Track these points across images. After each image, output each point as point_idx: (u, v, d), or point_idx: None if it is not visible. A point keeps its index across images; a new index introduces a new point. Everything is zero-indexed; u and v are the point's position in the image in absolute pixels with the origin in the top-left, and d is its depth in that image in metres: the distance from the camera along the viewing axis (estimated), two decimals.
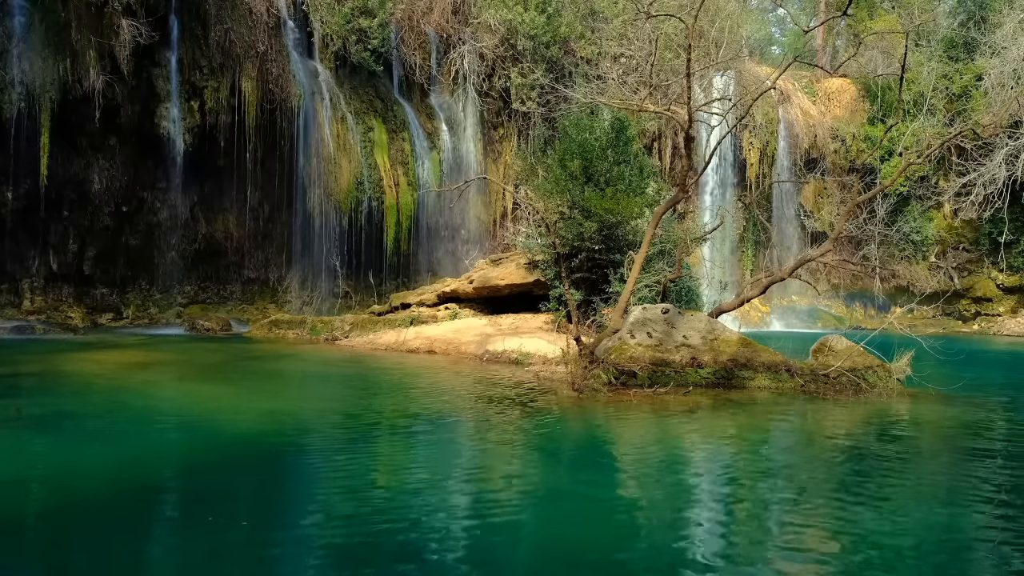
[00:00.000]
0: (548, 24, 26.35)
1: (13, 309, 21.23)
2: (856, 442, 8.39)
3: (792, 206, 31.14)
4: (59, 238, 22.05)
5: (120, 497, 5.76)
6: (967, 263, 29.62)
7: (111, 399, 10.06)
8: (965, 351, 17.47)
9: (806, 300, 29.77)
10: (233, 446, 7.50)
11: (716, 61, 22.51)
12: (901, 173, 14.36)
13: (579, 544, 4.96)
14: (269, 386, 12.09)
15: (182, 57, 22.11)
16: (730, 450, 7.92)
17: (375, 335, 18.50)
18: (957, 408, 10.29)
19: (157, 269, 23.65)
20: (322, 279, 24.44)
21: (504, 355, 14.88)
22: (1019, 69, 25.99)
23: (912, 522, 5.44)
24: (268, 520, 5.37)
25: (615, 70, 24.97)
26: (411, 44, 26.24)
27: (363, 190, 24.39)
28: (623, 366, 11.18)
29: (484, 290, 19.59)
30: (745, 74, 28.88)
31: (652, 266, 15.60)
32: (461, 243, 26.83)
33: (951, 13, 30.10)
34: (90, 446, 7.36)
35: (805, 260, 14.70)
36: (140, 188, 22.93)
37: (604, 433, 8.77)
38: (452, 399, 10.91)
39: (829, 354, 11.83)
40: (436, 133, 26.58)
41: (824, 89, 31.66)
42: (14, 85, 19.75)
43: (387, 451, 7.61)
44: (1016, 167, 25.33)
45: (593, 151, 17.57)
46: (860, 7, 33.09)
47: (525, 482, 6.44)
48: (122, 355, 15.23)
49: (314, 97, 24.01)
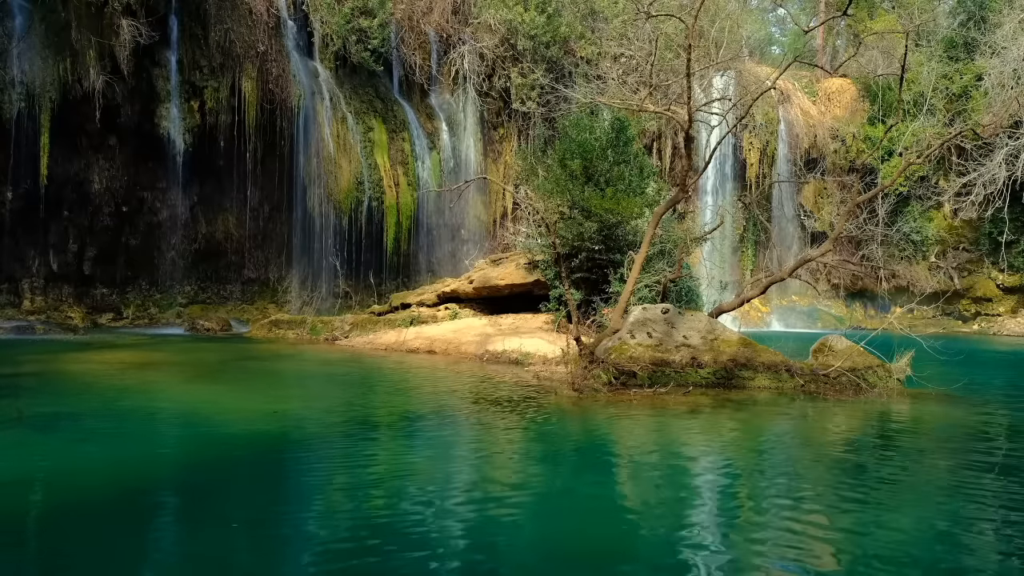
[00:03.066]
0: (548, 24, 26.36)
1: (13, 309, 21.24)
2: (856, 442, 8.38)
3: (792, 206, 31.15)
4: (59, 238, 22.07)
5: (120, 497, 5.76)
6: (967, 263, 29.63)
7: (111, 399, 10.06)
8: (965, 351, 17.46)
9: (806, 300, 29.79)
10: (233, 446, 7.50)
11: (716, 61, 22.51)
12: (901, 173, 14.37)
13: (579, 544, 4.96)
14: (269, 386, 12.08)
15: (182, 57, 22.13)
16: (730, 450, 7.92)
17: (375, 335, 18.50)
18: (957, 408, 10.29)
19: (157, 269, 23.67)
20: (322, 279, 24.45)
21: (504, 355, 14.88)
22: (1019, 69, 26.00)
23: (912, 522, 5.44)
24: (268, 520, 5.37)
25: (615, 70, 24.99)
26: (411, 44, 26.26)
27: (363, 190, 24.40)
28: (623, 366, 11.18)
29: (484, 290, 19.59)
30: (745, 74, 28.89)
31: (652, 266, 15.60)
32: (461, 243, 26.84)
33: (951, 13, 30.11)
34: (90, 446, 7.36)
35: (805, 260, 14.70)
36: (140, 188, 22.96)
37: (604, 433, 8.77)
38: (452, 399, 10.90)
39: (829, 354, 11.82)
40: (436, 133, 26.58)
41: (824, 89, 31.67)
42: (14, 85, 19.77)
43: (387, 451, 7.61)
44: (1016, 167, 25.33)
45: (593, 151, 17.57)
46: (860, 7, 33.11)
47: (525, 482, 6.44)
48: (122, 355, 15.23)
49: (314, 97, 24.02)
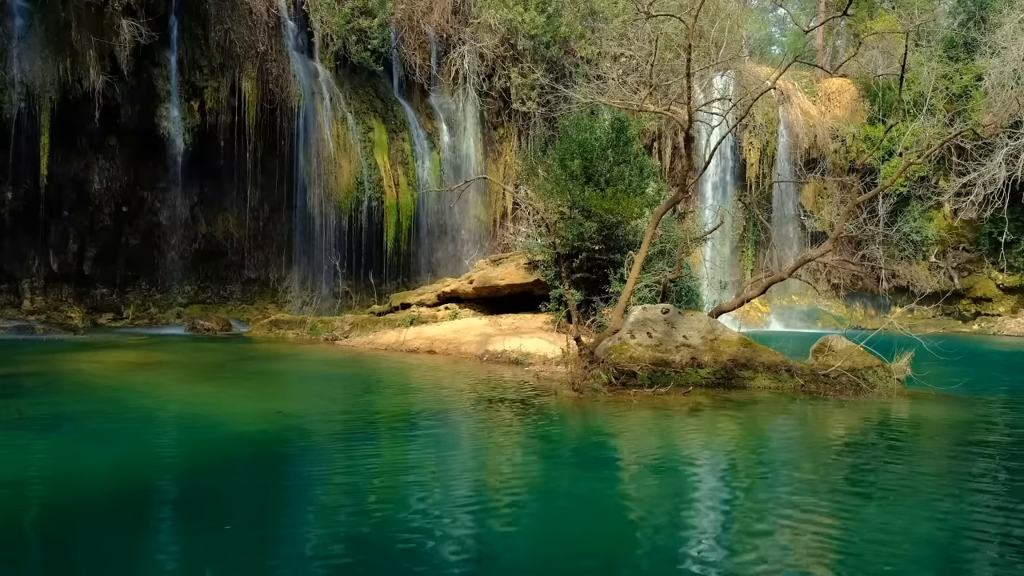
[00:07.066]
0: (548, 24, 26.35)
1: (13, 309, 21.24)
2: (856, 442, 8.39)
3: (792, 206, 31.14)
4: (59, 238, 22.06)
5: (120, 498, 5.76)
6: (967, 263, 29.62)
7: (111, 399, 10.06)
8: (965, 351, 17.46)
9: (806, 300, 29.79)
10: (233, 446, 7.50)
11: (716, 61, 22.49)
12: (901, 173, 14.37)
13: (579, 544, 4.96)
14: (269, 386, 12.08)
15: (182, 57, 22.12)
16: (730, 450, 7.92)
17: (375, 335, 18.50)
18: (957, 408, 10.29)
19: (157, 269, 23.67)
20: (322, 279, 24.45)
21: (504, 355, 14.88)
22: (1019, 69, 26.00)
23: (912, 522, 5.44)
24: (268, 520, 5.37)
25: (615, 70, 24.97)
26: (411, 44, 26.26)
27: (363, 190, 24.39)
28: (623, 366, 11.18)
29: (484, 290, 19.59)
30: (745, 74, 28.88)
31: (652, 266, 15.60)
32: (461, 243, 26.83)
33: (951, 13, 30.09)
34: (90, 446, 7.36)
35: (805, 260, 14.70)
36: (140, 188, 22.96)
37: (604, 433, 8.77)
38: (452, 399, 10.90)
39: (829, 354, 11.82)
40: (436, 133, 26.58)
41: (824, 89, 31.67)
42: (14, 85, 19.77)
43: (387, 452, 7.61)
44: (1016, 167, 25.33)
45: (593, 151, 17.57)
46: (860, 7, 33.10)
47: (525, 482, 6.44)
48: (122, 355, 15.23)
49: (314, 97, 24.02)
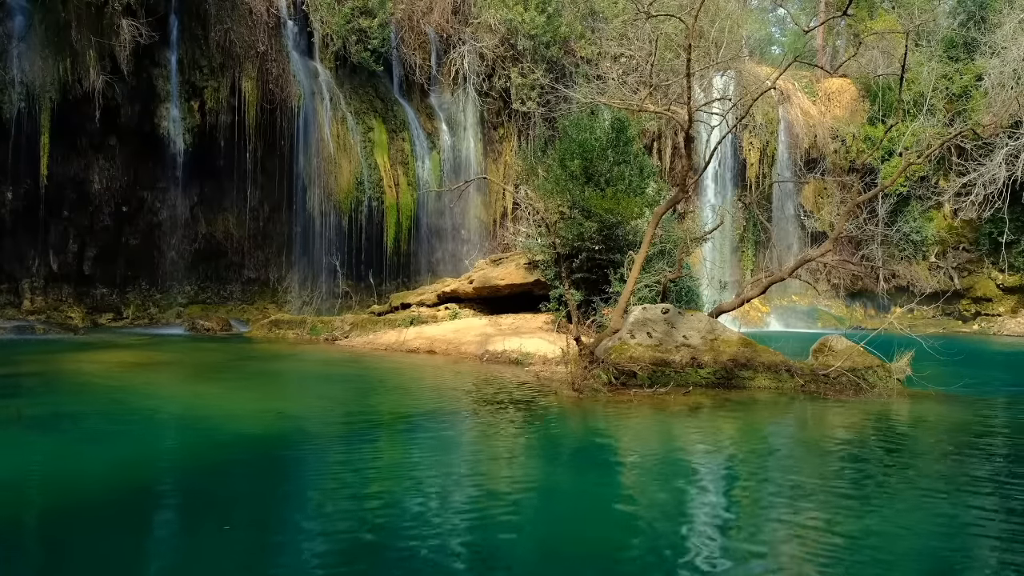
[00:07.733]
0: (548, 24, 26.34)
1: (13, 309, 21.23)
2: (856, 442, 8.38)
3: (792, 206, 31.13)
4: (59, 238, 22.06)
5: (119, 498, 5.76)
6: (967, 263, 29.61)
7: (111, 399, 10.06)
8: (965, 351, 17.44)
9: (806, 300, 29.78)
10: (233, 446, 7.50)
11: (716, 61, 22.50)
12: (901, 173, 14.37)
13: (579, 544, 4.96)
14: (269, 386, 12.08)
15: (182, 57, 22.11)
16: (730, 450, 7.92)
17: (375, 335, 18.49)
18: (957, 408, 10.29)
19: (157, 269, 23.66)
20: (322, 279, 24.44)
21: (504, 355, 14.88)
22: (1019, 69, 25.99)
23: (912, 522, 5.44)
24: (267, 521, 5.37)
25: (615, 70, 24.97)
26: (411, 44, 26.25)
27: (363, 190, 24.39)
28: (623, 366, 11.18)
29: (484, 290, 19.59)
30: (745, 74, 28.87)
31: (652, 266, 15.59)
32: (461, 243, 26.82)
33: (951, 13, 30.09)
34: (89, 446, 7.36)
35: (805, 260, 14.69)
36: (140, 188, 22.95)
37: (604, 433, 8.77)
38: (452, 399, 10.90)
39: (829, 354, 11.83)
40: (436, 133, 26.58)
41: (824, 89, 31.66)
42: (14, 85, 19.76)
43: (387, 451, 7.61)
44: (1016, 167, 25.32)
45: (593, 151, 17.57)
46: (860, 7, 33.10)
47: (525, 482, 6.44)
48: (122, 355, 15.23)
49: (314, 97, 24.01)
